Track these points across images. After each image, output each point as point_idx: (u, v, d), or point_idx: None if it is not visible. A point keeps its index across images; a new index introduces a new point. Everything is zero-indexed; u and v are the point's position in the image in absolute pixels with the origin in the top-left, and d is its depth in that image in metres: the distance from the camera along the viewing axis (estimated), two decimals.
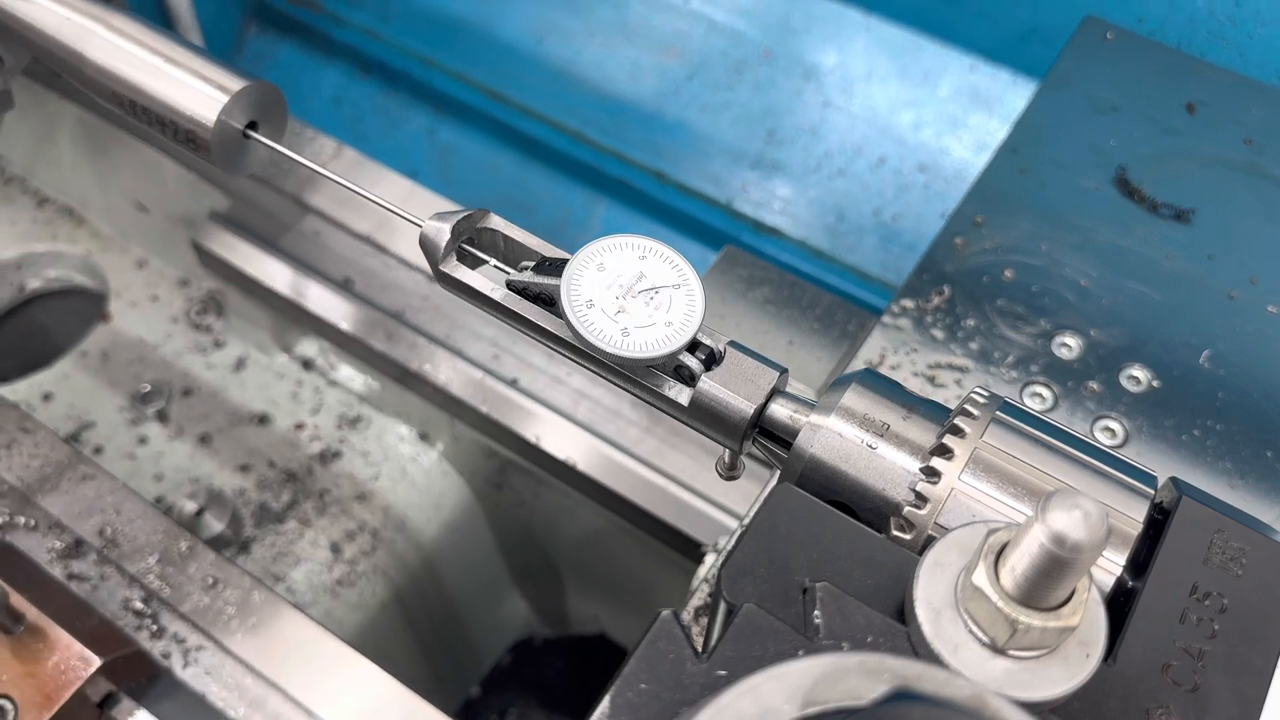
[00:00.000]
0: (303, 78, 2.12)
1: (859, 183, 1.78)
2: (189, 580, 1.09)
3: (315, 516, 1.49)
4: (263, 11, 2.14)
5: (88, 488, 1.14)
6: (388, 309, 1.49)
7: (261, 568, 1.44)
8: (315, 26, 2.11)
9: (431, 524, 1.55)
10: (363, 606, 1.47)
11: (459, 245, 0.76)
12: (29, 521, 1.11)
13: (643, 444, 1.37)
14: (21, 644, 0.95)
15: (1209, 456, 0.96)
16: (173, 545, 1.11)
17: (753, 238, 1.82)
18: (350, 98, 2.10)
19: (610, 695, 0.53)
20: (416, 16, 2.04)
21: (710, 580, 1.00)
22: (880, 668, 0.47)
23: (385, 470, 1.54)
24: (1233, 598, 0.60)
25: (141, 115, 0.84)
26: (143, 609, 1.07)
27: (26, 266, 1.73)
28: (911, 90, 1.76)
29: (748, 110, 1.85)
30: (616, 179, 1.91)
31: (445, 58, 2.02)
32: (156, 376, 1.61)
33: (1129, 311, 1.05)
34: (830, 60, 1.81)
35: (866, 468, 0.67)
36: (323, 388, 1.60)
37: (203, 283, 1.69)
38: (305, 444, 1.56)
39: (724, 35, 1.87)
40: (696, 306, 0.69)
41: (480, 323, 1.47)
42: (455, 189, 1.98)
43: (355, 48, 2.09)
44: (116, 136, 1.67)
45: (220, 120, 0.81)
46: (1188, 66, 1.24)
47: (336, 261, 1.53)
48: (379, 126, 2.08)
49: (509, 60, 1.97)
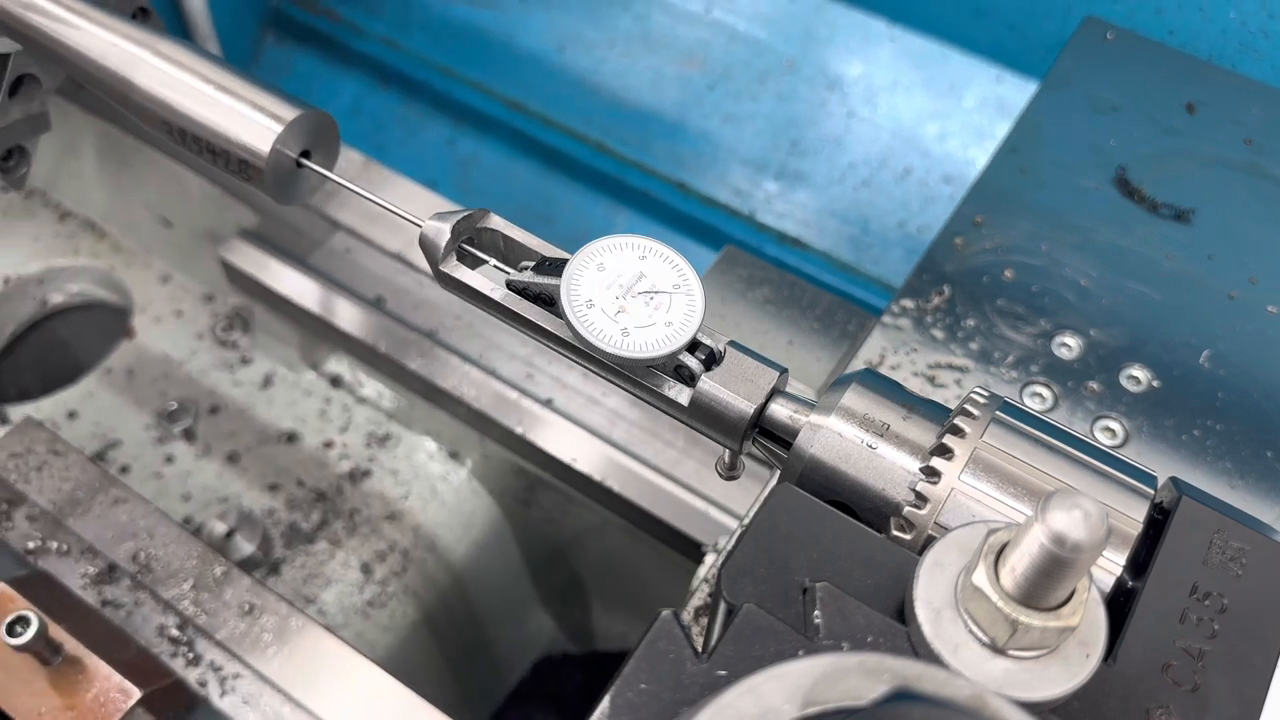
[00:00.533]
0: (320, 88, 2.10)
1: (884, 194, 1.75)
2: (224, 606, 1.07)
3: (346, 537, 1.47)
4: (280, 21, 2.12)
5: (120, 511, 1.12)
6: (420, 328, 1.46)
7: (292, 589, 1.42)
8: (333, 36, 2.09)
9: (461, 543, 1.52)
10: (394, 628, 1.44)
11: (459, 245, 0.76)
12: (61, 546, 1.09)
13: (681, 465, 1.34)
14: (60, 675, 0.94)
15: (1209, 456, 0.96)
16: (207, 570, 1.09)
17: (776, 249, 1.79)
18: (369, 108, 2.08)
19: (610, 695, 0.53)
20: (436, 26, 2.02)
21: (710, 580, 0.99)
22: (880, 668, 0.47)
23: (415, 489, 1.52)
24: (1233, 598, 0.60)
25: (191, 144, 0.82)
26: (178, 636, 1.05)
27: (49, 281, 1.71)
28: (937, 101, 1.74)
29: (771, 121, 1.82)
30: (638, 190, 1.89)
31: (465, 68, 2.00)
32: (183, 394, 1.59)
33: (1129, 311, 1.04)
34: (855, 70, 1.78)
35: (866, 468, 0.67)
36: (351, 405, 1.58)
37: (228, 298, 1.67)
38: (334, 463, 1.53)
39: (747, 45, 1.85)
40: (696, 306, 0.69)
41: (514, 342, 1.44)
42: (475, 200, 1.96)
43: (374, 57, 2.07)
44: (139, 150, 1.65)
45: (275, 150, 0.79)
46: (1188, 66, 1.24)
47: (368, 279, 1.50)
48: (398, 137, 2.06)
49: (529, 70, 1.95)
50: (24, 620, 0.92)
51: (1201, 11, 1.43)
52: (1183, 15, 1.44)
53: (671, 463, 1.35)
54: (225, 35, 1.95)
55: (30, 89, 1.05)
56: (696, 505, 1.32)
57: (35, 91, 1.06)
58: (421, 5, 2.04)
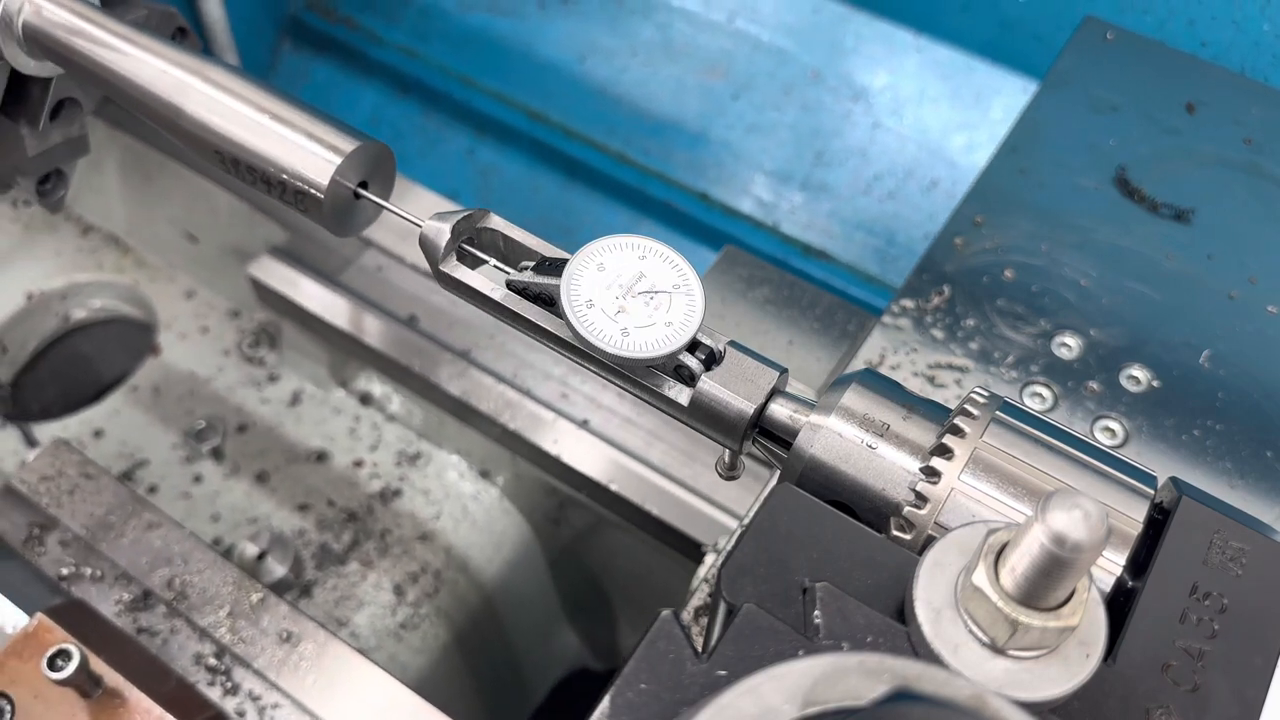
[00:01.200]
0: (339, 97, 2.08)
1: (910, 206, 1.74)
2: (262, 634, 1.05)
3: (377, 558, 1.44)
4: (298, 29, 2.11)
5: (153, 536, 1.11)
6: (454, 347, 1.44)
7: (325, 612, 1.39)
8: (352, 45, 2.07)
9: (493, 563, 1.50)
10: (426, 650, 1.42)
11: (459, 245, 0.76)
12: (95, 572, 1.08)
13: (722, 489, 1.32)
14: (100, 708, 0.92)
15: (1209, 456, 0.96)
16: (243, 596, 1.08)
17: (801, 261, 1.78)
18: (388, 117, 2.07)
19: (610, 695, 0.53)
20: (455, 35, 2.01)
21: (710, 580, 0.99)
22: (880, 668, 0.47)
23: (447, 509, 1.49)
24: (1233, 598, 0.60)
25: (245, 173, 0.80)
26: (215, 665, 1.03)
27: (71, 296, 1.69)
28: (964, 112, 1.72)
29: (795, 131, 1.80)
30: (660, 201, 1.87)
31: (485, 77, 1.99)
32: (210, 412, 1.57)
33: (1129, 311, 1.04)
34: (880, 81, 1.77)
35: (866, 468, 0.67)
36: (381, 423, 1.56)
37: (254, 314, 1.65)
38: (365, 482, 1.51)
39: (770, 55, 1.83)
40: (696, 307, 0.69)
41: (549, 361, 1.43)
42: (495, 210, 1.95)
43: (393, 66, 2.05)
44: (165, 165, 1.63)
45: (334, 181, 0.77)
46: (1188, 66, 1.24)
47: (400, 298, 1.49)
48: (418, 147, 2.05)
49: (550, 80, 1.94)
50: (65, 654, 0.90)
51: (1235, 25, 1.42)
52: (1216, 28, 1.43)
53: (711, 487, 1.33)
54: (243, 44, 1.94)
55: (71, 112, 1.04)
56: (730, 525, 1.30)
57: (76, 115, 1.04)
58: (441, 14, 2.03)
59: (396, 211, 0.78)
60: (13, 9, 0.87)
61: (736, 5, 1.86)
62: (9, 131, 1.01)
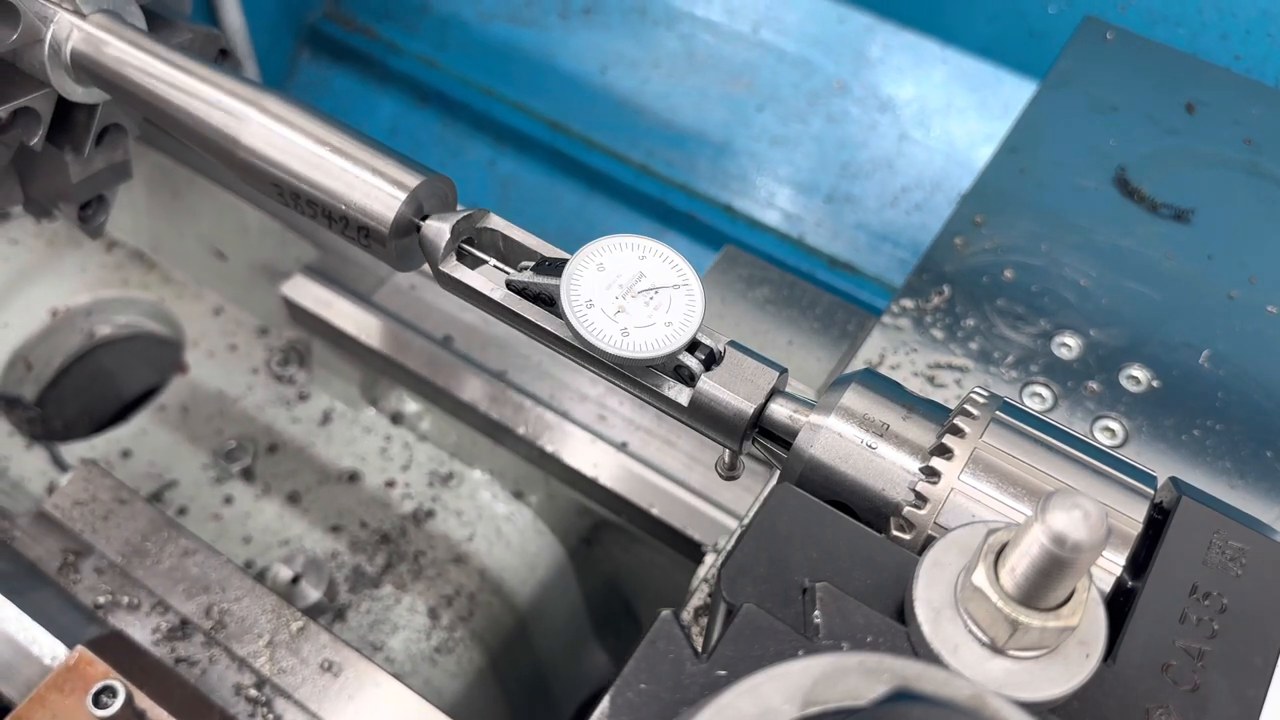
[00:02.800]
0: (358, 106, 2.06)
1: (937, 218, 1.70)
2: (303, 664, 1.03)
3: (411, 580, 1.42)
4: (316, 38, 2.08)
5: (190, 563, 1.08)
6: (490, 368, 1.42)
7: (359, 636, 1.37)
8: (371, 54, 2.05)
9: (526, 585, 1.48)
10: (461, 674, 1.39)
11: (459, 245, 0.76)
12: (131, 600, 1.05)
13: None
14: None
15: (1209, 456, 0.96)
16: (282, 625, 1.06)
17: (827, 274, 1.76)
18: (407, 127, 2.04)
19: (610, 695, 0.53)
20: (475, 45, 1.99)
21: (710, 580, 0.99)
22: (880, 668, 0.47)
23: (480, 530, 1.47)
24: (1232, 598, 0.60)
25: (305, 207, 0.79)
26: (256, 695, 1.01)
27: (96, 313, 1.67)
28: (991, 123, 1.69)
29: (820, 143, 1.78)
30: (683, 213, 1.85)
31: (505, 87, 1.96)
32: (239, 431, 1.54)
33: (1129, 311, 1.04)
34: (907, 92, 1.74)
35: (866, 468, 0.67)
36: (412, 443, 1.53)
37: (283, 331, 1.62)
38: (397, 503, 1.48)
39: (795, 66, 1.80)
40: (696, 306, 0.69)
41: (585, 383, 1.41)
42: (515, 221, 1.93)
43: (412, 76, 2.03)
44: (193, 181, 1.60)
45: (398, 216, 0.76)
46: (1188, 66, 1.24)
47: (434, 316, 1.46)
48: (438, 157, 2.02)
49: (571, 91, 1.92)
50: (111, 690, 0.89)
51: (1270, 37, 1.40)
52: (1250, 41, 1.42)
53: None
54: (262, 53, 1.92)
55: (115, 137, 1.02)
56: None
57: (120, 140, 1.03)
58: (461, 24, 2.00)
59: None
60: (61, 36, 0.86)
61: (761, 16, 1.83)
62: (54, 158, 0.99)
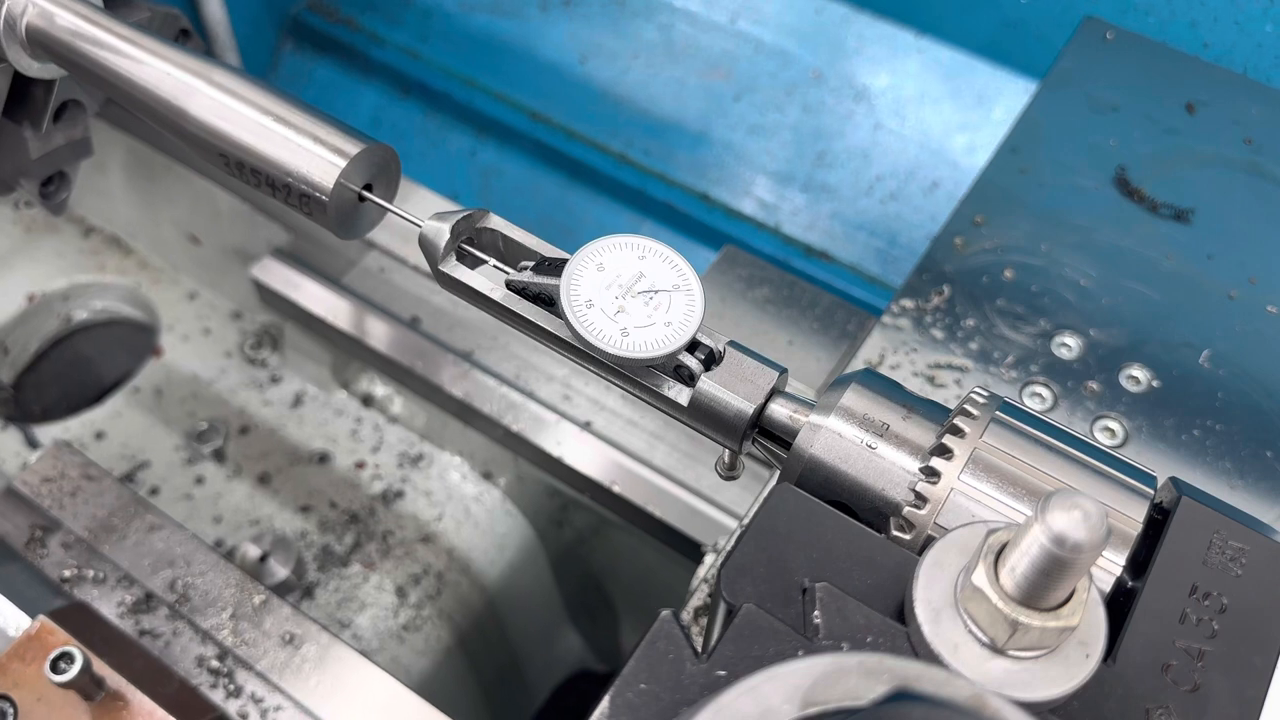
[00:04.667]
0: (340, 97, 2.07)
1: (911, 207, 1.73)
2: (264, 636, 1.05)
3: (379, 559, 1.44)
4: (299, 29, 2.10)
5: (156, 538, 1.10)
6: (456, 348, 1.44)
7: (326, 614, 1.39)
8: (353, 45, 2.06)
9: (495, 565, 1.50)
10: (429, 652, 1.41)
11: (458, 245, 0.76)
12: (97, 574, 1.07)
13: (725, 491, 1.32)
14: (103, 710, 0.92)
15: (1209, 456, 0.96)
16: (245, 599, 1.07)
17: (802, 262, 1.77)
18: (390, 118, 2.06)
19: (610, 695, 0.53)
20: (457, 36, 2.00)
21: (710, 580, 0.99)
22: (880, 668, 0.47)
23: (449, 510, 1.49)
24: (1232, 598, 0.60)
25: (250, 176, 0.80)
26: (218, 666, 1.03)
27: (73, 298, 1.69)
28: (965, 113, 1.71)
29: (797, 132, 1.80)
30: (661, 201, 1.86)
31: (487, 78, 1.98)
32: (212, 413, 1.57)
33: (1129, 311, 1.04)
34: (882, 82, 1.76)
35: (866, 468, 0.67)
36: (382, 425, 1.55)
37: (256, 316, 1.65)
38: (367, 483, 1.51)
39: (772, 56, 1.82)
40: (696, 306, 0.69)
41: (551, 363, 1.43)
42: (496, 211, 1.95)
43: (394, 67, 2.04)
44: (169, 167, 1.63)
45: (339, 184, 0.77)
46: (1188, 66, 1.24)
47: (403, 299, 1.49)
48: (419, 148, 2.03)
49: (551, 81, 1.93)
50: (68, 656, 0.90)
51: (1237, 25, 1.41)
52: (1218, 29, 1.43)
53: (714, 488, 1.33)
54: (244, 44, 1.93)
55: (74, 114, 1.04)
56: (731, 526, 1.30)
57: (79, 117, 1.04)
58: (442, 15, 2.02)
59: (401, 214, 0.79)
60: (16, 11, 0.87)
61: (738, 6, 1.85)
62: (12, 134, 1.01)
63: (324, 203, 0.77)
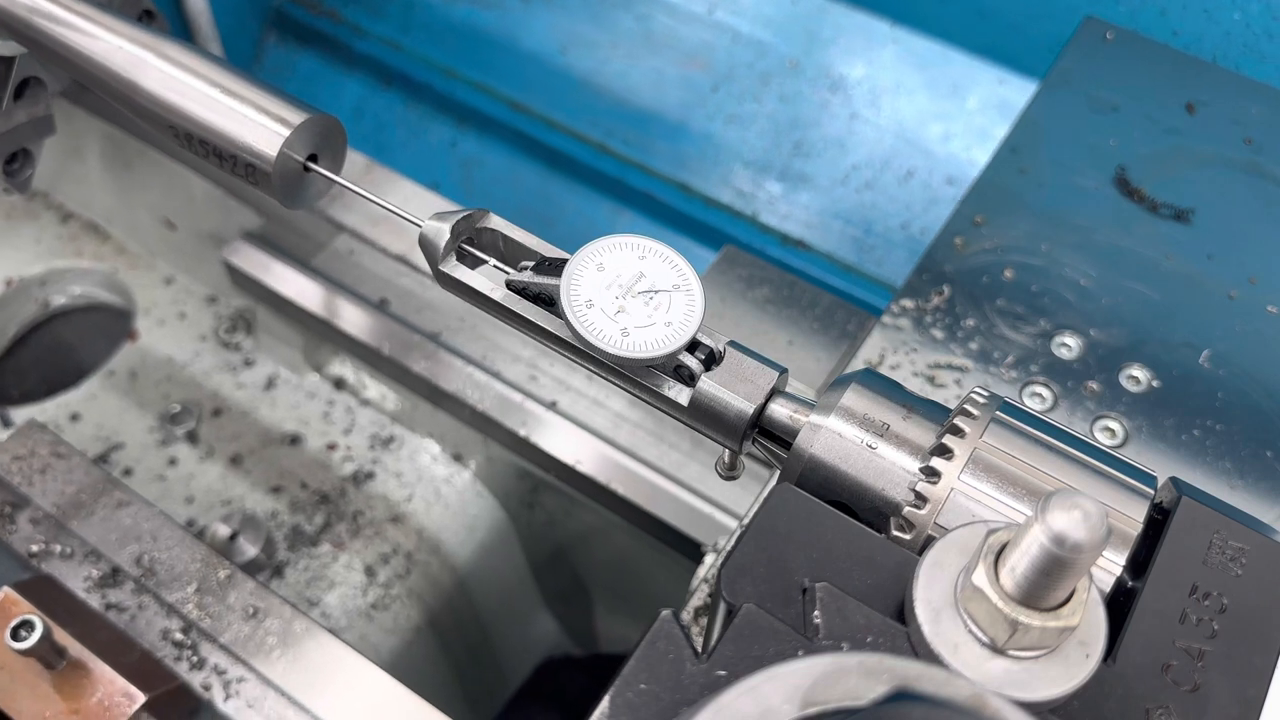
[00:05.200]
0: (323, 89, 2.09)
1: (886, 195, 1.75)
2: (229, 610, 1.07)
3: (349, 539, 1.46)
4: (282, 22, 2.12)
5: (123, 514, 1.12)
6: (424, 330, 1.46)
7: (295, 592, 1.41)
8: (335, 37, 2.08)
9: (465, 546, 1.52)
10: (397, 630, 1.44)
11: (458, 245, 0.76)
12: (65, 549, 1.09)
13: (685, 469, 1.34)
14: (64, 679, 0.93)
15: (1209, 456, 0.96)
16: (211, 574, 1.09)
17: (779, 250, 1.79)
18: (371, 109, 2.07)
19: (610, 695, 0.53)
20: (438, 27, 2.02)
21: (710, 580, 0.99)
22: (880, 668, 0.47)
23: (419, 491, 1.51)
24: (1233, 598, 0.60)
25: (198, 148, 0.81)
26: (182, 640, 1.04)
27: (51, 283, 1.71)
28: (940, 102, 1.73)
29: (774, 122, 1.82)
30: (640, 191, 1.88)
31: (467, 69, 1.99)
32: (186, 396, 1.59)
33: (1129, 311, 1.04)
34: (858, 72, 1.78)
35: (866, 468, 0.67)
36: (354, 407, 1.58)
37: (231, 300, 1.67)
38: (338, 465, 1.53)
39: (749, 46, 1.84)
40: (696, 306, 0.69)
41: (517, 344, 1.44)
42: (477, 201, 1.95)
43: (376, 58, 2.06)
44: (144, 152, 1.64)
45: (282, 154, 0.78)
46: (1188, 66, 1.24)
47: (372, 281, 1.50)
48: (401, 138, 2.05)
49: (532, 71, 1.95)
50: (28, 624, 0.91)
51: (1206, 13, 1.43)
52: (1187, 17, 1.44)
53: (675, 465, 1.34)
54: (227, 36, 1.95)
55: (35, 92, 1.04)
56: (699, 506, 1.31)
57: (40, 95, 1.05)
58: (424, 6, 2.04)
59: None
60: None
61: None
62: None
63: (268, 173, 0.78)
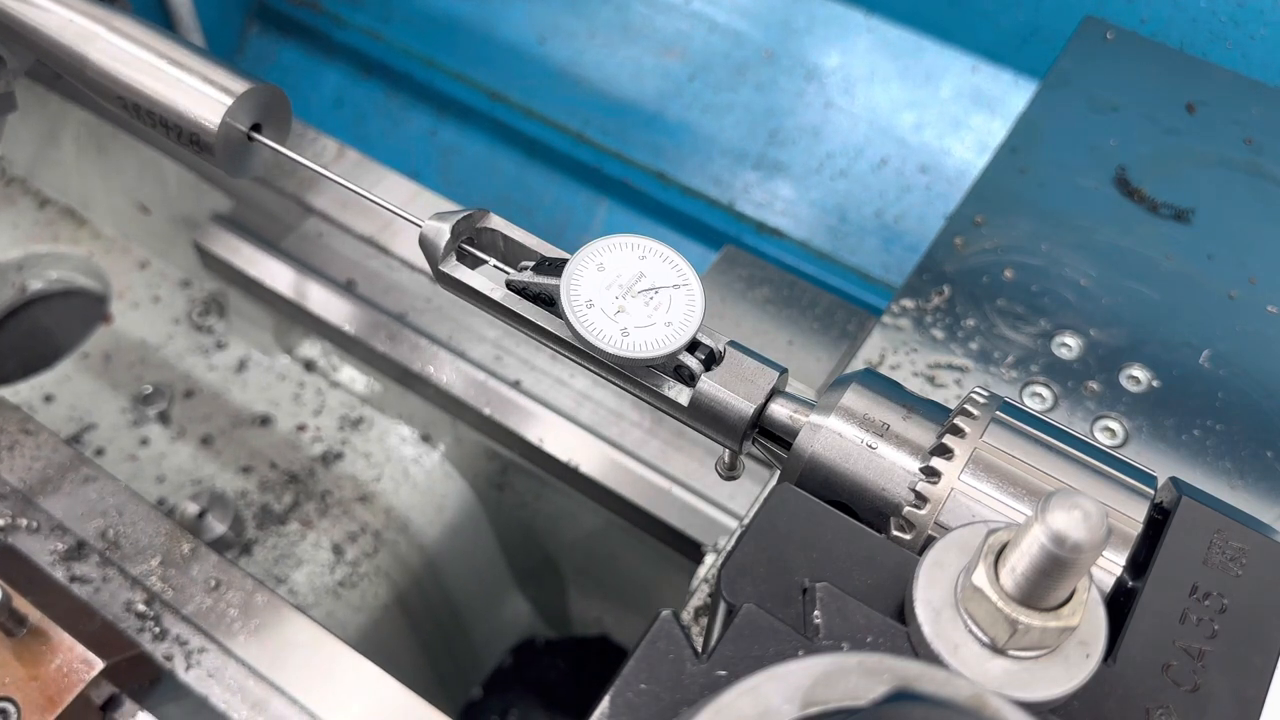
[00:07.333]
0: (304, 79, 2.12)
1: (861, 184, 1.78)
2: (191, 582, 1.09)
3: (317, 518, 1.49)
4: (264, 12, 2.15)
5: (89, 490, 1.14)
6: (391, 311, 1.48)
7: (263, 569, 1.44)
8: (316, 27, 2.11)
9: (434, 525, 1.55)
10: (365, 608, 1.47)
11: (459, 245, 0.76)
12: (31, 523, 1.11)
13: (646, 446, 1.36)
14: (24, 646, 0.95)
15: (1209, 456, 0.96)
16: (175, 547, 1.11)
17: (755, 239, 1.82)
18: (352, 99, 2.10)
19: (610, 695, 0.53)
20: (418, 17, 2.04)
21: (710, 580, 0.99)
22: (880, 668, 0.47)
23: (387, 472, 1.55)
24: (1233, 598, 0.60)
25: (145, 118, 0.84)
26: (145, 611, 1.06)
27: (28, 268, 1.73)
28: (913, 91, 1.76)
29: (750, 111, 1.84)
30: (618, 180, 1.91)
31: (446, 59, 2.02)
32: (158, 378, 1.62)
33: (1129, 311, 1.05)
34: (832, 61, 1.81)
35: (866, 468, 0.67)
36: (325, 389, 1.61)
37: (204, 284, 1.70)
38: (307, 445, 1.56)
39: (726, 36, 1.87)
40: (696, 306, 0.69)
41: (483, 324, 1.47)
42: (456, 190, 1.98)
43: (357, 49, 2.09)
44: (118, 137, 1.67)
45: (224, 123, 0.80)
46: (1188, 66, 1.24)
47: (339, 263, 1.53)
48: (381, 127, 2.08)
49: (510, 61, 1.97)
50: None
51: (1173, 1, 1.44)
52: (1154, 4, 1.45)
53: (638, 443, 1.37)
54: (210, 27, 1.97)
55: None
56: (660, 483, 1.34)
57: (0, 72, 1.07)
58: None
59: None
60: None
61: None
62: None
63: (211, 142, 0.81)
